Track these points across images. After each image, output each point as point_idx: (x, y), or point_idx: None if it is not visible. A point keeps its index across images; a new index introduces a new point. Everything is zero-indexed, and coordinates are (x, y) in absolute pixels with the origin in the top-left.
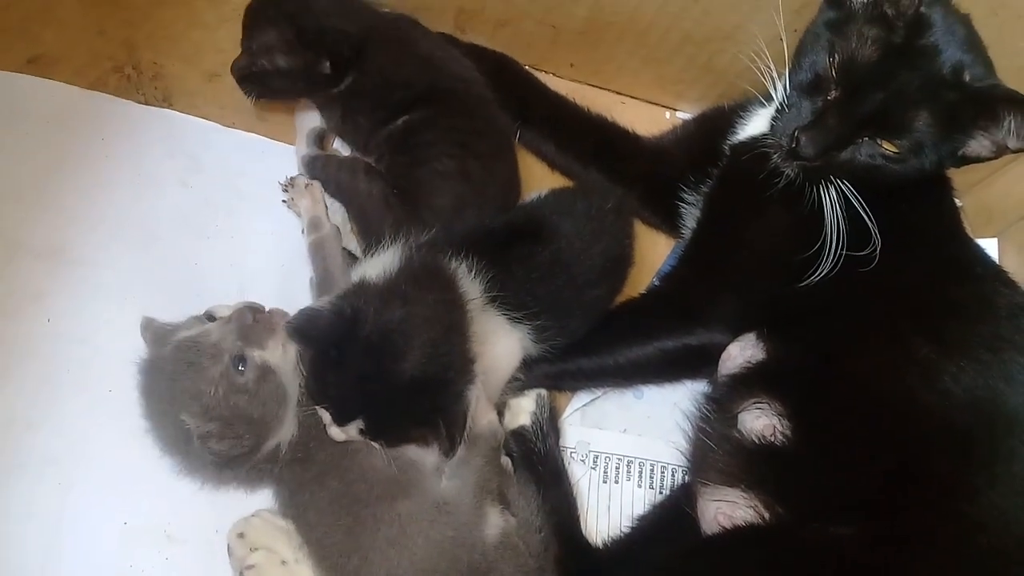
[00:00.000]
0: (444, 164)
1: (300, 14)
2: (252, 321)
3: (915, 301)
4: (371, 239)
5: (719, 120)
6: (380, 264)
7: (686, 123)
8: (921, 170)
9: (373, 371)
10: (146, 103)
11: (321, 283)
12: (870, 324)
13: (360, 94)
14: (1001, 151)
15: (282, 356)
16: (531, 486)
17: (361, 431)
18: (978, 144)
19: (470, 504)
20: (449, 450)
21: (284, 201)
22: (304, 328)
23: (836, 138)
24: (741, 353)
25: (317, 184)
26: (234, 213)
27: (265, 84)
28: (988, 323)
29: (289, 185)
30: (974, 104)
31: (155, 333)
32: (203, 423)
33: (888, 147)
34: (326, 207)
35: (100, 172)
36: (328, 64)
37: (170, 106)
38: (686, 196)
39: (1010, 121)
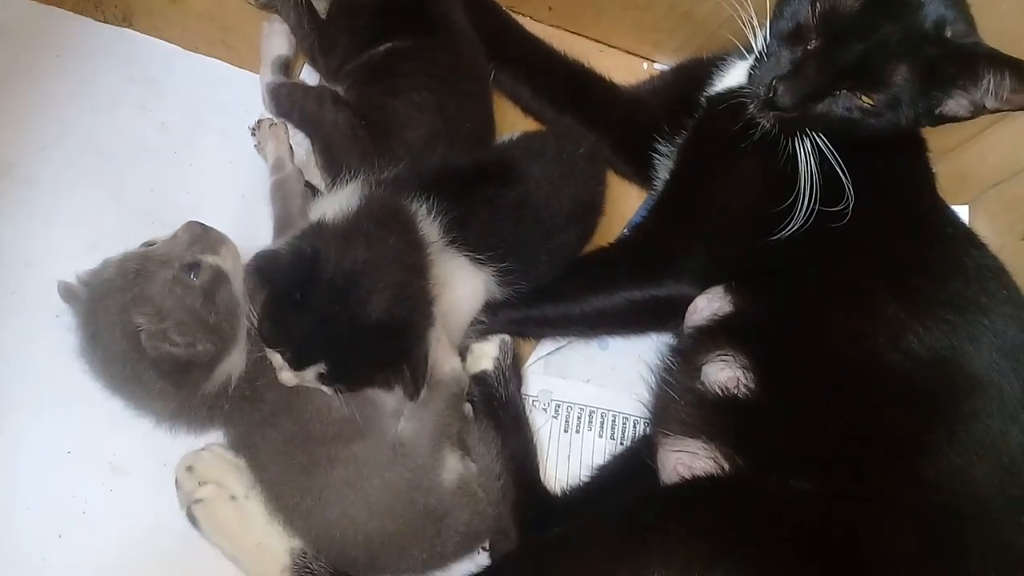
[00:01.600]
0: (422, 96)
1: None
2: (201, 231)
3: (884, 259)
4: (335, 172)
5: (697, 71)
6: (338, 202)
7: (663, 73)
8: (897, 125)
9: (337, 313)
10: (105, 22)
11: (279, 224)
12: (838, 280)
13: (352, 11)
14: (979, 111)
15: (232, 266)
16: (491, 432)
17: (321, 375)
18: (956, 103)
19: (428, 447)
20: (414, 393)
21: (255, 146)
22: (265, 268)
23: (814, 88)
24: (708, 305)
25: (282, 124)
26: (193, 140)
27: None
28: (956, 283)
29: (256, 128)
30: (954, 61)
31: (82, 282)
32: (156, 322)
33: (866, 100)
34: (291, 148)
35: (54, 90)
36: None
37: (130, 26)
38: (660, 147)
39: (989, 80)
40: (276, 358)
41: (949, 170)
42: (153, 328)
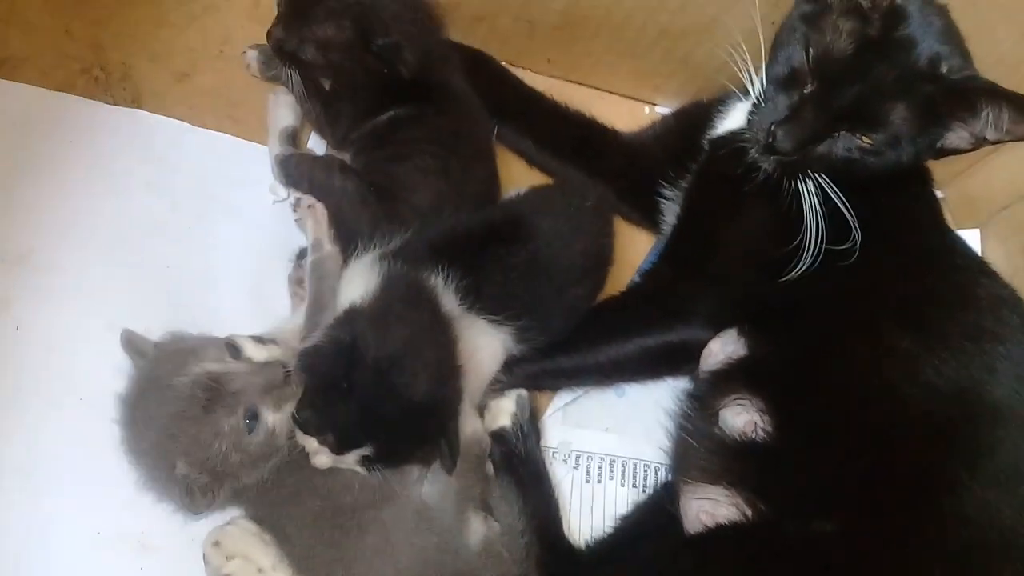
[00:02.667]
0: (426, 161)
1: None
2: (282, 382)
3: (896, 293)
4: (348, 239)
5: (698, 114)
6: (360, 281)
7: (665, 118)
8: (899, 163)
9: (383, 397)
10: (114, 104)
11: (313, 304)
12: (851, 317)
13: (353, 83)
14: (979, 143)
15: (286, 419)
16: (512, 489)
17: (365, 458)
18: (956, 136)
19: (452, 510)
20: (451, 467)
21: (295, 221)
22: (310, 364)
23: (812, 132)
24: (722, 349)
25: (320, 206)
26: (205, 216)
27: (303, 68)
28: (969, 314)
29: (296, 205)
30: (951, 96)
31: (160, 348)
32: (195, 473)
33: (865, 140)
34: (329, 228)
35: (68, 175)
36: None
37: (139, 107)
38: (666, 191)
39: (988, 113)
40: (311, 444)
41: (958, 194)
42: (189, 480)
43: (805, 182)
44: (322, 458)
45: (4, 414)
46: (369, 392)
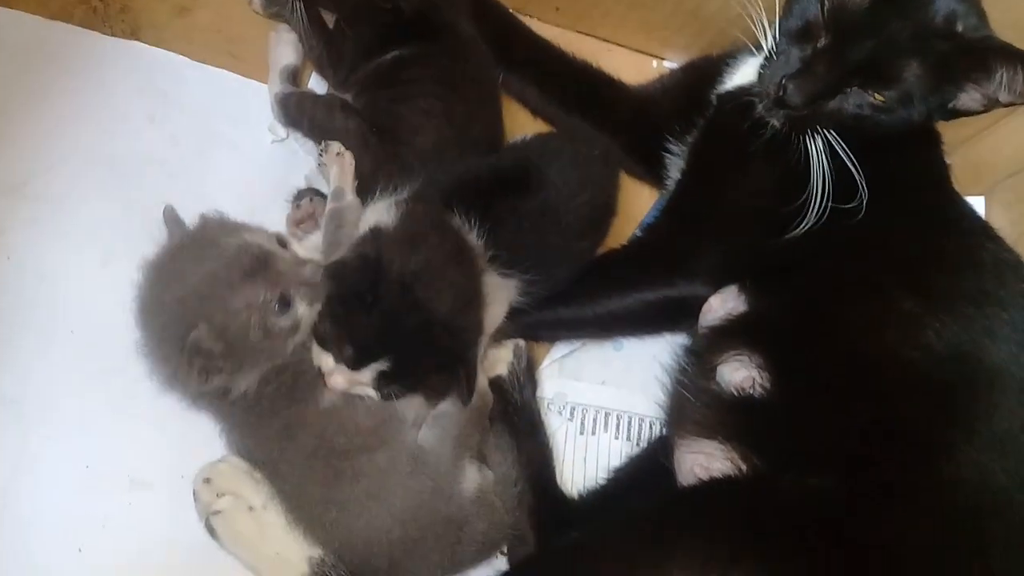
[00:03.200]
0: (429, 103)
1: None
2: (318, 281)
3: (900, 254)
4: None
5: (707, 69)
6: (377, 215)
7: (673, 72)
8: (909, 121)
9: (406, 310)
10: (112, 35)
11: (328, 248)
12: (854, 277)
13: (358, 21)
14: (992, 104)
15: (308, 320)
16: (507, 437)
17: (381, 373)
18: (968, 97)
19: (449, 457)
20: (467, 398)
21: (318, 165)
22: (337, 276)
23: (824, 86)
24: (722, 305)
25: (349, 154)
26: (204, 152)
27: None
28: (973, 278)
29: (324, 150)
30: (966, 55)
31: (207, 218)
32: (211, 340)
33: (877, 97)
34: (354, 179)
35: (64, 106)
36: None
37: (137, 39)
38: (671, 147)
39: (1002, 74)
40: (327, 362)
41: (964, 160)
42: (202, 343)
43: (813, 138)
44: (338, 378)
45: None
46: (392, 305)
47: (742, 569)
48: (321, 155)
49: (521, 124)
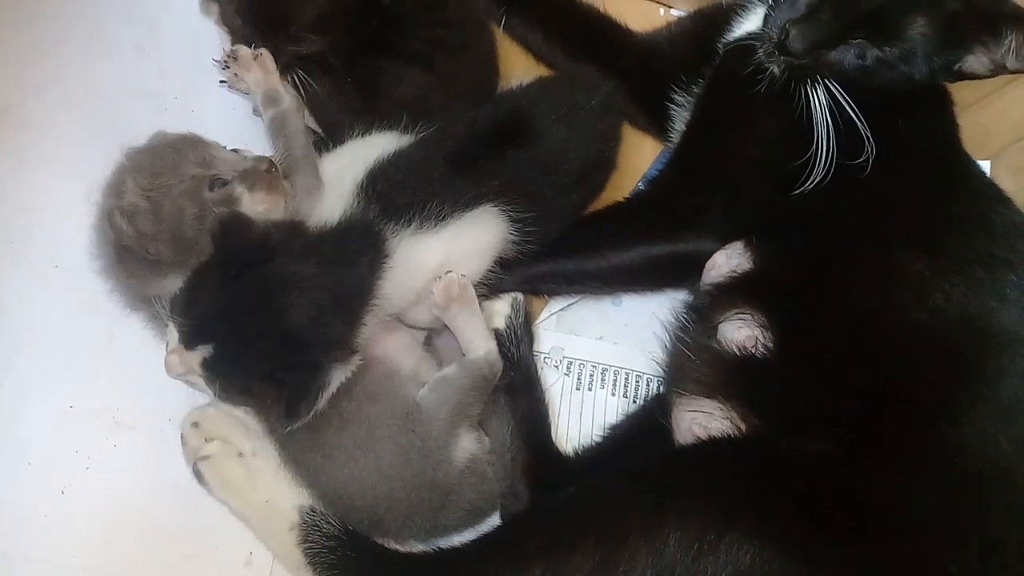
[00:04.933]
0: (408, 49)
1: None
2: (266, 171)
3: (909, 215)
4: (330, 130)
5: (716, 17)
6: (339, 193)
7: (681, 19)
8: (910, 79)
9: (253, 308)
10: None
11: (284, 159)
12: (861, 236)
13: None
14: (999, 70)
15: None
16: (502, 393)
17: (204, 360)
18: (976, 60)
19: (444, 422)
20: (283, 418)
21: (223, 81)
22: (230, 227)
23: (828, 34)
24: (727, 262)
25: (266, 52)
26: (194, 84)
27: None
28: (983, 240)
29: (230, 59)
30: (976, 17)
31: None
32: (136, 197)
33: (880, 51)
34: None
35: (49, 31)
36: None
37: None
38: (677, 97)
39: (1011, 40)
40: (172, 335)
41: (971, 125)
42: (127, 201)
43: (815, 88)
44: (174, 359)
45: None
46: (244, 293)
47: (740, 529)
48: (226, 67)
49: (524, 70)
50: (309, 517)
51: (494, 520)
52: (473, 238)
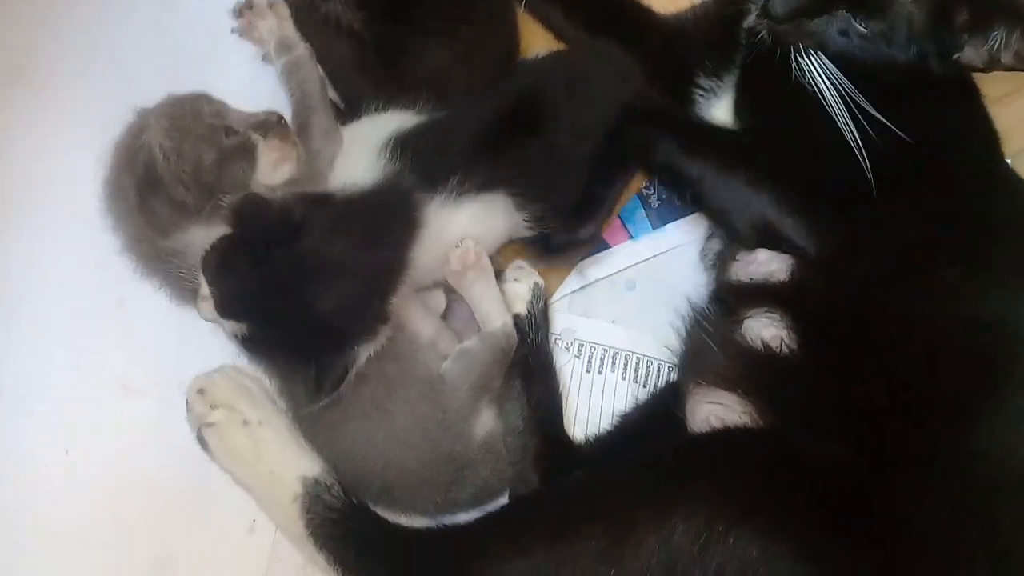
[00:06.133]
0: (433, 22)
1: None
2: (277, 123)
3: (944, 218)
4: (350, 102)
5: (740, 2)
6: (362, 160)
7: (705, 2)
8: (894, 60)
9: (284, 289)
10: None
11: (298, 109)
12: (894, 240)
13: None
14: (993, 64)
15: (270, 166)
16: (518, 378)
17: (235, 335)
18: (971, 50)
19: (467, 395)
20: (314, 395)
21: (234, 30)
22: (245, 211)
23: (809, 2)
24: (767, 264)
25: (281, 1)
26: (213, 49)
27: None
28: (1017, 246)
29: (245, 8)
30: (968, 6)
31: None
32: (160, 136)
33: (862, 26)
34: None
35: None
36: None
37: None
38: (703, 82)
39: (1001, 35)
40: (204, 286)
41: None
42: (157, 137)
43: (806, 59)
44: (206, 305)
45: None
46: (276, 274)
47: (750, 524)
48: (241, 15)
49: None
50: (312, 489)
51: (502, 502)
52: (485, 220)
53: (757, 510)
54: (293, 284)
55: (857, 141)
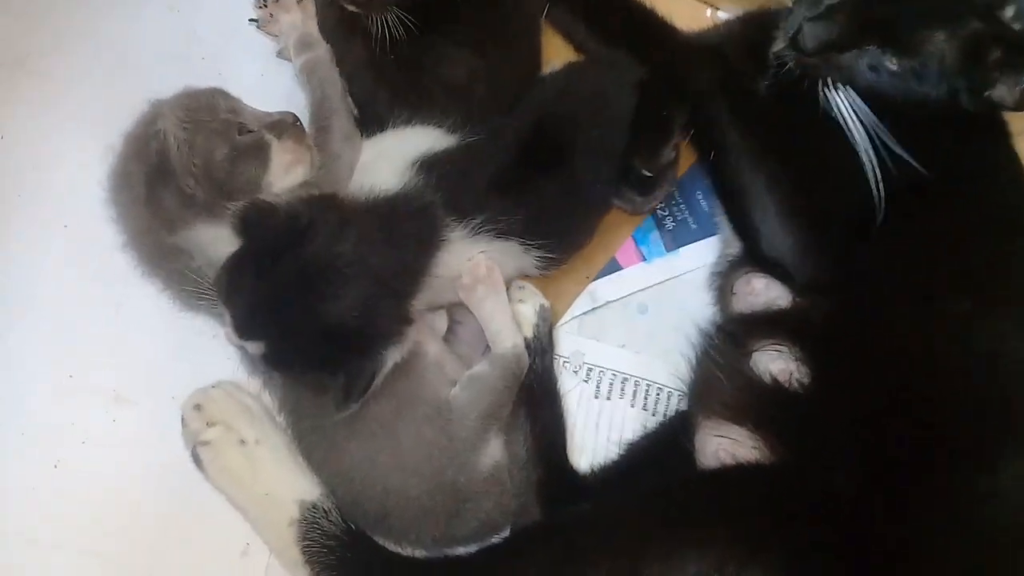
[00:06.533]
0: (458, 30)
1: None
2: (292, 124)
3: (959, 251)
4: (364, 108)
5: (765, 23)
6: (385, 170)
7: (730, 22)
8: (926, 97)
9: (294, 300)
10: None
11: (318, 111)
12: (905, 272)
13: None
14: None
15: (282, 170)
16: (522, 405)
17: (259, 355)
18: (1004, 89)
19: (476, 424)
20: (341, 403)
21: (253, 20)
22: (251, 219)
23: (840, 36)
24: (766, 291)
25: None
26: (225, 48)
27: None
28: None
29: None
30: (1000, 45)
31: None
32: (174, 126)
33: (892, 62)
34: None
35: None
36: None
37: None
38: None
39: None
40: (227, 314)
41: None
42: (170, 124)
43: (833, 92)
44: (228, 332)
45: None
46: (284, 286)
47: (761, 563)
48: (264, 5)
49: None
50: (310, 514)
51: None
52: (496, 259)
53: (768, 550)
54: (304, 289)
55: (876, 174)
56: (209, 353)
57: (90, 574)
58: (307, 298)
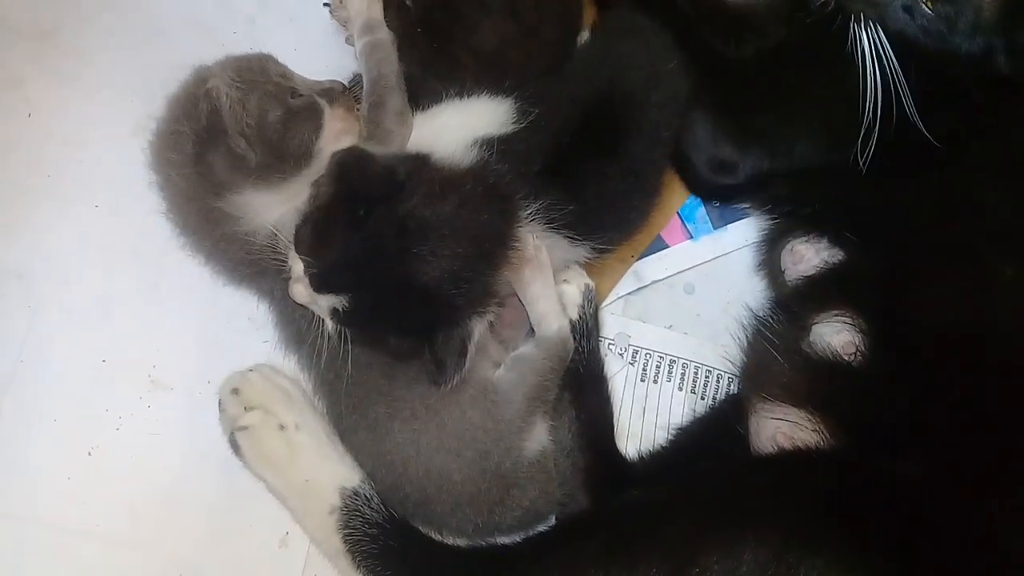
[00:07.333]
0: (496, 4)
1: None
2: (343, 92)
3: (1004, 214)
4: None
5: None
6: (451, 144)
7: None
8: (955, 52)
9: (389, 254)
10: None
11: (372, 88)
12: (951, 234)
13: None
14: None
15: (331, 139)
16: (567, 391)
17: (335, 311)
18: None
19: (521, 406)
20: (436, 377)
21: (327, 4)
22: (349, 163)
23: None
24: (816, 254)
25: None
26: (256, 20)
27: None
28: None
29: None
30: None
31: None
32: (225, 85)
33: (927, 6)
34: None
35: None
36: None
37: None
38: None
39: None
40: (297, 266)
41: None
42: (221, 84)
43: (863, 27)
44: (299, 288)
45: (6, 210)
46: (380, 239)
47: (823, 555)
48: None
49: None
50: (351, 501)
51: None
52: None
53: (830, 541)
54: (398, 247)
55: (869, 124)
56: (245, 335)
57: (123, 564)
58: (404, 255)
